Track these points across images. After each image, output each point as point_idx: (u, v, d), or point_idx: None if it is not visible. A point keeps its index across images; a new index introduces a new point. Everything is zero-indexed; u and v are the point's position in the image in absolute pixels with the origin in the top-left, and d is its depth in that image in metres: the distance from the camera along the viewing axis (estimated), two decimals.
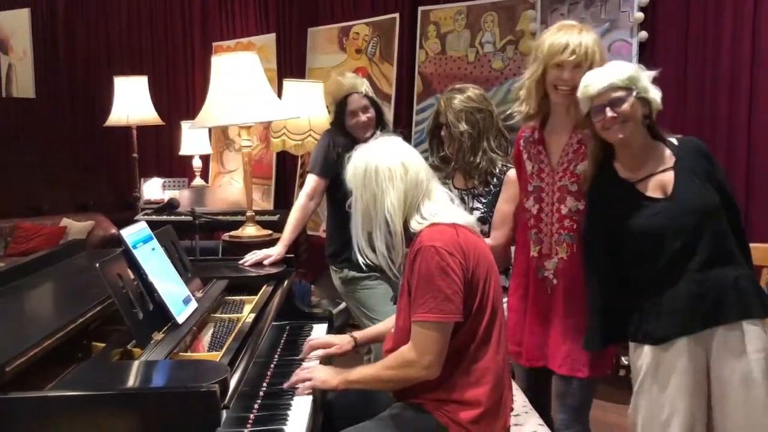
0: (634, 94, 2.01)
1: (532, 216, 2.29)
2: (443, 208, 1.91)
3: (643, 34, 4.07)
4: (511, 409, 2.03)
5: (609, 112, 1.99)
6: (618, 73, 2.02)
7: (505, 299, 2.57)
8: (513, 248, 2.62)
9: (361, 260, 1.91)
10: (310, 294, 5.02)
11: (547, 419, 2.37)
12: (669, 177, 2.04)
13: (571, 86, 2.13)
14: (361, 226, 1.91)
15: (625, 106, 2.00)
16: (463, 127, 2.57)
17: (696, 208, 2.00)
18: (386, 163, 1.87)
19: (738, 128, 3.82)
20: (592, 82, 2.03)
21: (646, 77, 2.06)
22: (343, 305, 4.31)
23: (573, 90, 2.13)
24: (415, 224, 1.87)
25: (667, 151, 2.08)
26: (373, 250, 1.89)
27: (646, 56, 4.09)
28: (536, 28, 4.40)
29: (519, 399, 2.17)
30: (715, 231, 2.00)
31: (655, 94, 2.05)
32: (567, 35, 2.13)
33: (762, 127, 3.75)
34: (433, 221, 1.86)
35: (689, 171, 2.03)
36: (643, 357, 2.07)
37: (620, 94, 2.00)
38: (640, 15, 4.07)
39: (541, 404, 2.38)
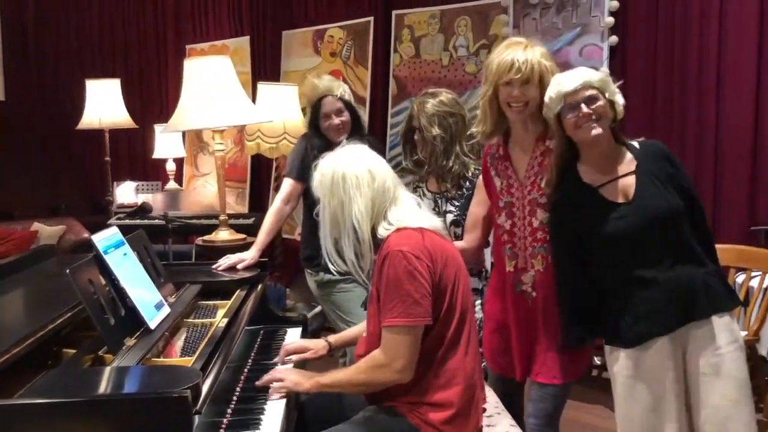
0: (606, 95, 2.05)
1: (505, 231, 2.30)
2: (409, 213, 1.92)
3: (614, 38, 4.13)
4: (484, 410, 2.05)
5: (584, 108, 2.02)
6: (591, 74, 2.07)
7: (478, 301, 2.60)
8: (487, 250, 2.65)
9: (331, 267, 1.93)
10: (285, 297, 5.01)
11: (519, 422, 2.40)
12: (630, 181, 2.07)
13: (523, 102, 2.17)
14: (329, 234, 1.92)
15: (600, 104, 2.03)
16: (435, 131, 2.58)
17: (657, 212, 2.02)
18: (353, 171, 1.89)
19: (706, 129, 3.90)
20: (565, 81, 2.06)
21: (613, 84, 2.10)
22: (318, 309, 4.30)
23: (526, 105, 2.17)
24: (383, 230, 1.89)
25: (629, 155, 2.11)
26: (342, 257, 1.90)
27: (617, 60, 4.15)
28: (509, 32, 4.44)
29: (491, 399, 2.19)
30: (677, 233, 2.04)
31: (619, 99, 2.10)
32: (513, 53, 2.16)
33: (730, 128, 3.83)
34: (400, 226, 1.88)
35: (650, 175, 2.06)
36: (620, 361, 2.09)
37: (594, 92, 2.04)
38: (611, 20, 4.13)
39: (514, 407, 2.40)
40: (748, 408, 2.02)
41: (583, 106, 2.03)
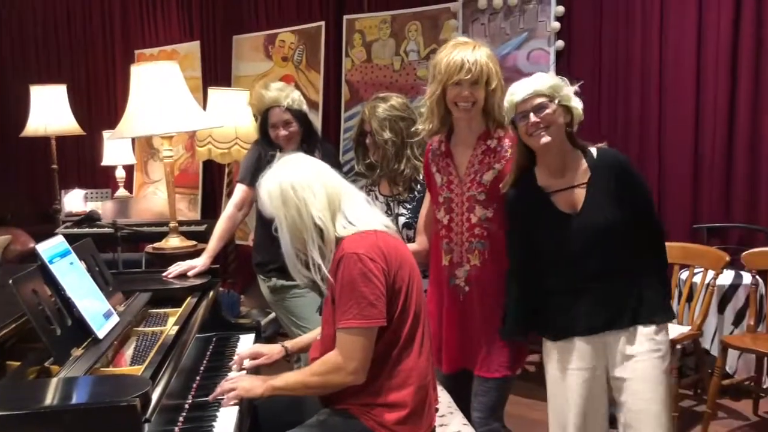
0: (557, 101, 2.08)
1: (443, 226, 2.34)
2: (364, 212, 1.94)
3: (560, 42, 4.23)
4: (436, 410, 2.08)
5: (533, 117, 2.07)
6: (541, 82, 2.10)
7: None
8: None
9: (300, 282, 1.93)
10: (239, 304, 4.96)
11: (470, 419, 2.43)
12: (580, 194, 2.12)
13: (471, 102, 2.21)
14: (291, 247, 1.90)
15: (548, 112, 2.08)
16: (387, 135, 2.61)
17: (601, 227, 2.08)
18: (299, 177, 1.89)
19: (649, 131, 4.02)
20: (517, 91, 2.11)
21: (568, 89, 2.14)
22: (272, 315, 4.29)
23: (473, 105, 2.22)
24: (341, 228, 1.89)
25: (585, 164, 2.14)
26: (308, 266, 1.89)
27: (563, 64, 4.25)
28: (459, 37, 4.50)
29: (444, 399, 2.22)
30: (617, 247, 2.09)
31: (577, 104, 2.14)
32: (462, 53, 2.19)
33: (672, 130, 3.95)
34: (357, 228, 1.89)
35: (600, 189, 2.10)
36: (549, 354, 2.23)
37: (543, 100, 2.08)
38: (557, 24, 4.22)
39: (463, 405, 2.43)
40: (664, 411, 2.11)
41: (531, 115, 2.08)
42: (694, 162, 3.91)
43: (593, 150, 2.17)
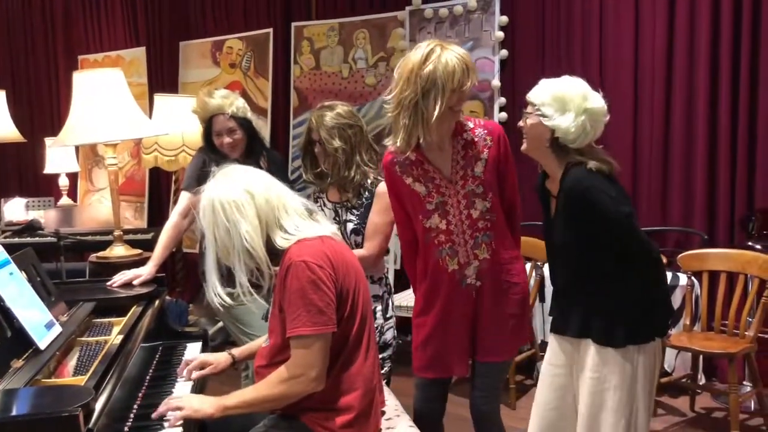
0: (535, 113, 2.07)
1: (441, 232, 2.27)
2: (303, 221, 1.94)
3: (504, 52, 4.33)
4: (383, 413, 2.11)
5: (520, 122, 2.16)
6: (537, 91, 2.09)
7: (379, 307, 2.66)
8: (386, 258, 2.70)
9: (215, 301, 1.92)
10: (187, 313, 4.91)
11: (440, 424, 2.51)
12: (554, 204, 2.21)
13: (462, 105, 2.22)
14: (214, 265, 1.90)
15: (526, 122, 2.12)
16: (337, 143, 2.62)
17: (557, 242, 2.18)
18: (229, 196, 1.88)
19: None
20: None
21: (569, 103, 2.02)
22: (221, 324, 4.25)
23: None
24: (282, 241, 1.90)
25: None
26: (231, 283, 1.89)
27: (508, 72, 4.35)
28: (405, 45, 4.57)
29: (391, 402, 2.25)
30: (575, 264, 2.14)
31: (560, 123, 2.03)
32: (453, 56, 2.11)
33: (611, 137, 4.03)
34: (300, 237, 1.90)
35: (562, 210, 2.13)
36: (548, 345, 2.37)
37: (528, 108, 2.11)
38: (501, 34, 4.32)
39: (435, 409, 2.49)
40: (601, 426, 2.15)
41: (522, 118, 2.16)
42: (632, 168, 4.05)
43: (571, 167, 2.09)
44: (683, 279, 3.56)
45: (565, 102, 2.03)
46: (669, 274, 3.68)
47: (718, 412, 3.56)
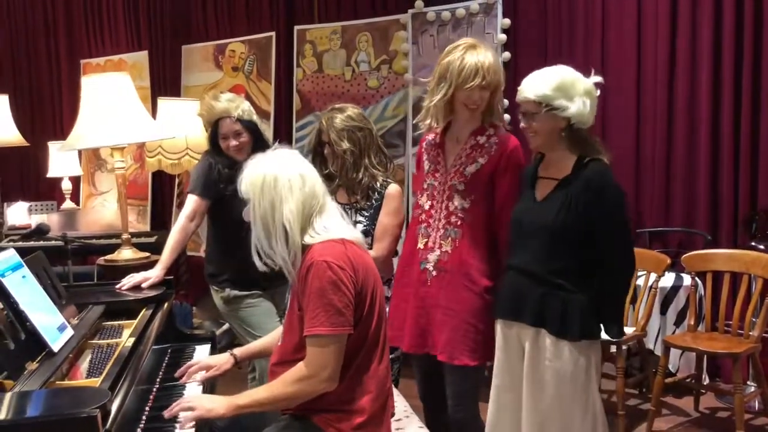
0: (544, 110, 2.11)
1: (423, 211, 2.48)
2: (334, 223, 1.96)
3: (506, 54, 4.34)
4: (393, 414, 2.12)
5: (522, 123, 2.19)
6: (536, 88, 2.12)
7: (387, 308, 2.67)
8: (395, 260, 2.73)
9: (259, 264, 1.92)
10: (191, 316, 4.92)
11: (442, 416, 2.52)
12: (550, 187, 2.21)
13: (479, 104, 2.35)
14: (262, 233, 1.91)
15: (534, 121, 2.15)
16: (345, 145, 2.64)
17: (544, 222, 2.17)
18: (285, 174, 1.90)
19: None
20: (521, 88, 2.18)
21: (571, 89, 2.09)
22: (226, 326, 4.26)
23: (480, 105, 2.35)
24: (308, 237, 1.91)
25: (571, 165, 2.18)
26: (274, 254, 1.90)
27: (510, 75, 4.35)
28: (408, 48, 4.59)
29: (400, 405, 2.26)
30: (560, 248, 2.16)
31: (573, 110, 2.09)
32: (474, 57, 2.29)
33: (615, 138, 4.10)
34: (325, 237, 1.91)
35: (566, 192, 2.15)
36: None
37: (530, 108, 2.14)
38: (503, 37, 4.34)
39: (429, 389, 2.56)
40: (547, 418, 2.18)
41: (522, 119, 2.19)
42: (635, 169, 4.07)
43: (591, 160, 2.16)
44: (687, 280, 3.57)
45: (568, 89, 2.10)
46: (672, 275, 3.71)
47: (722, 412, 3.58)
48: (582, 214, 2.11)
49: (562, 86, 2.10)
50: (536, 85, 2.13)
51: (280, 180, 1.89)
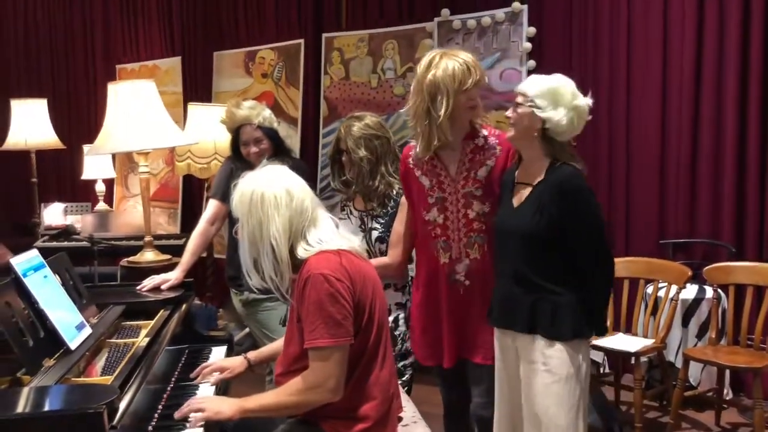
0: (527, 104, 2.15)
1: (437, 226, 2.42)
2: (328, 235, 1.98)
3: (532, 62, 4.35)
4: (400, 419, 2.14)
5: (509, 111, 2.22)
6: (530, 84, 2.18)
7: (402, 315, 2.71)
8: (410, 266, 2.76)
9: (249, 284, 1.97)
10: (216, 318, 5.00)
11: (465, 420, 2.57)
12: (526, 193, 2.24)
13: (477, 102, 2.35)
14: (248, 252, 1.96)
15: (516, 111, 2.18)
16: (362, 152, 2.68)
17: (520, 230, 2.19)
18: (271, 191, 1.93)
19: (618, 149, 4.16)
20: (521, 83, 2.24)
21: (560, 97, 2.12)
22: (248, 329, 4.32)
23: (478, 103, 2.35)
24: (302, 251, 1.94)
25: (544, 171, 2.21)
26: (261, 274, 1.94)
27: None
28: None
29: (409, 410, 2.28)
30: (538, 254, 2.18)
31: (552, 115, 2.12)
32: (457, 59, 2.28)
33: (639, 148, 4.08)
34: (320, 249, 1.94)
35: (538, 197, 2.19)
36: None
37: (519, 99, 2.19)
38: (528, 45, 4.34)
39: (457, 394, 2.58)
40: (550, 424, 2.18)
41: (510, 108, 2.22)
42: (660, 180, 4.03)
43: (563, 164, 2.19)
44: (710, 292, 3.53)
45: (558, 97, 2.13)
46: (695, 287, 3.66)
47: (744, 428, 3.52)
48: (555, 217, 2.14)
49: (553, 91, 2.14)
50: (532, 82, 2.20)
51: (267, 197, 1.92)
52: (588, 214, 2.16)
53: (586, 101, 2.19)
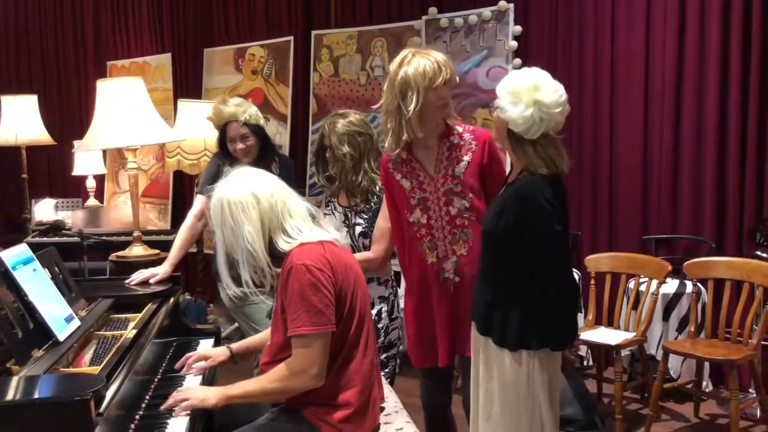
0: (497, 106, 2.14)
1: (422, 226, 2.45)
2: (305, 225, 2.04)
3: (518, 60, 4.40)
4: (382, 408, 2.20)
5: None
6: (499, 86, 2.12)
7: (384, 307, 2.76)
8: (393, 261, 2.81)
9: (227, 293, 2.02)
10: (206, 312, 5.04)
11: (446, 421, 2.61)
12: (501, 193, 2.25)
13: (448, 100, 2.36)
14: (224, 262, 2.02)
15: (493, 114, 2.18)
16: (345, 149, 2.73)
17: (484, 228, 2.21)
18: (236, 197, 1.98)
19: (602, 147, 4.22)
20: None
21: (520, 94, 2.03)
22: (237, 324, 4.37)
23: (449, 101, 2.37)
24: (283, 244, 1.99)
25: (518, 173, 2.18)
26: (239, 282, 2.00)
27: None
28: None
29: (391, 400, 2.33)
30: (493, 256, 2.17)
31: (510, 113, 2.04)
32: (428, 58, 2.31)
33: (623, 146, 4.15)
34: (302, 240, 1.99)
35: (502, 202, 2.15)
36: None
37: (495, 101, 2.16)
38: (514, 43, 4.40)
39: (439, 399, 2.62)
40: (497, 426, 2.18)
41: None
42: (643, 177, 4.10)
43: (527, 173, 2.12)
44: (689, 286, 3.59)
45: (516, 94, 2.04)
46: (676, 282, 3.73)
47: (722, 419, 3.59)
48: (512, 224, 2.08)
49: (513, 90, 2.06)
50: (502, 81, 2.12)
51: (233, 204, 1.97)
52: (540, 224, 2.04)
53: (553, 95, 2.04)
